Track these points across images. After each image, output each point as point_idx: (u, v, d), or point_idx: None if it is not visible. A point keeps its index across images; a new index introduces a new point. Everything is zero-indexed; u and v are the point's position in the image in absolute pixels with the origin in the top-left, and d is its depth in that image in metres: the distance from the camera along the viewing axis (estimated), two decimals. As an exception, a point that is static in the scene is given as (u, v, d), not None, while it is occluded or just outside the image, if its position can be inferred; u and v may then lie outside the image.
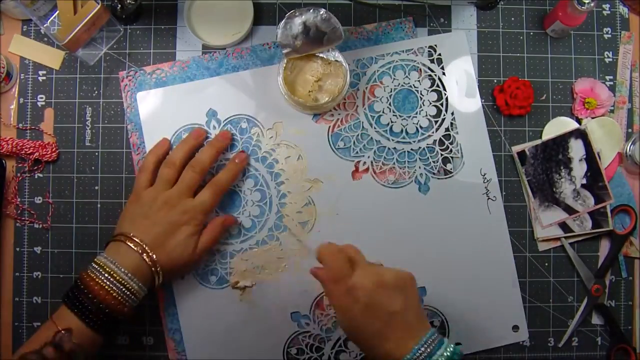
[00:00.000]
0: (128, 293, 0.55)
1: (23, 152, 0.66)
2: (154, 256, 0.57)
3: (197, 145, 0.65)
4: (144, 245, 0.57)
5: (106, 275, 0.54)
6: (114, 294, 0.54)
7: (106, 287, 0.54)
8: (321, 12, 0.61)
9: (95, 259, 0.56)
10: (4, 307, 0.66)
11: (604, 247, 0.70)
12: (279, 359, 0.66)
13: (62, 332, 0.52)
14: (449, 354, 0.49)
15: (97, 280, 0.54)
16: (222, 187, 0.63)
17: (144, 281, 0.57)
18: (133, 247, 0.56)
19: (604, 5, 0.72)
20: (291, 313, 0.67)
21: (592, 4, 0.64)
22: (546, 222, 0.69)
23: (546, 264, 0.70)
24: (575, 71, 0.71)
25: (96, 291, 0.53)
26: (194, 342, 0.66)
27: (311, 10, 0.61)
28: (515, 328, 0.68)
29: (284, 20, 0.61)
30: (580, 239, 0.70)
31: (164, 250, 0.58)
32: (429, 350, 0.49)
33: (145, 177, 0.62)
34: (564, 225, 0.69)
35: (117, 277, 0.54)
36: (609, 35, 0.72)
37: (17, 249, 0.67)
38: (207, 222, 0.63)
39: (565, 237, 0.69)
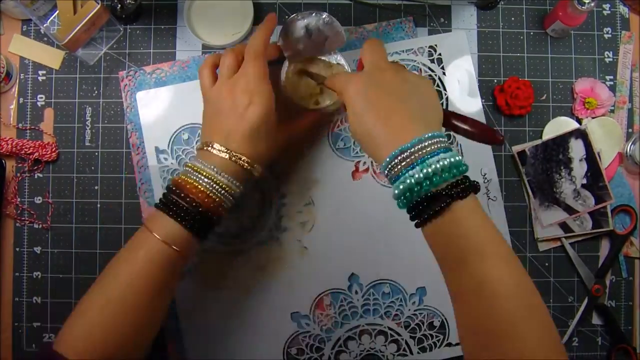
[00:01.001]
0: (218, 188, 0.52)
1: (23, 152, 0.66)
2: (234, 151, 0.53)
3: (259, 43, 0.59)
4: (222, 145, 0.54)
5: (196, 174, 0.52)
6: (207, 192, 0.52)
7: (197, 184, 0.52)
8: (323, 16, 0.61)
9: (185, 163, 0.54)
10: (4, 307, 0.66)
11: (604, 247, 0.70)
12: (279, 359, 0.66)
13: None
14: (451, 161, 0.45)
15: (188, 179, 0.52)
16: (259, 49, 0.57)
17: (234, 175, 0.54)
18: (214, 150, 0.54)
19: (604, 5, 0.72)
20: (291, 313, 0.67)
21: (592, 4, 0.64)
22: (546, 222, 0.69)
23: (546, 264, 0.70)
24: (575, 71, 0.71)
25: (188, 190, 0.52)
26: (194, 342, 0.66)
27: (314, 14, 0.61)
28: (516, 328, 0.68)
29: (286, 24, 0.61)
30: (580, 239, 0.70)
31: (244, 137, 0.54)
32: (429, 149, 0.45)
33: (206, 73, 0.58)
34: (564, 225, 0.69)
35: (206, 174, 0.52)
36: (609, 35, 0.72)
37: (17, 249, 0.67)
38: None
39: (566, 237, 0.69)
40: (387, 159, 0.46)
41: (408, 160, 0.45)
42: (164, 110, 0.67)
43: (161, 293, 0.52)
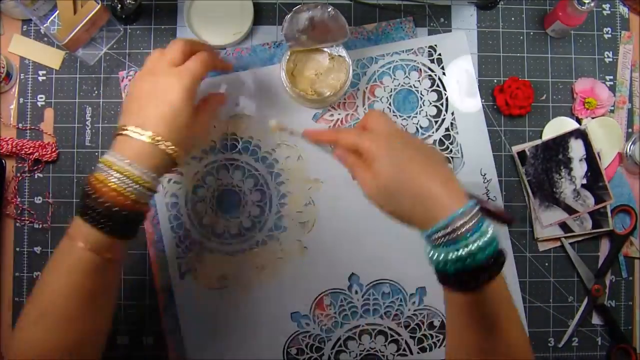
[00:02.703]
0: (131, 183, 0.48)
1: (23, 152, 0.66)
2: (151, 132, 0.49)
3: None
4: (136, 126, 0.50)
5: (107, 169, 0.48)
6: (119, 189, 0.47)
7: (108, 182, 0.47)
8: (329, 10, 0.62)
9: (99, 158, 0.50)
10: (4, 307, 0.66)
11: (604, 247, 0.70)
12: (279, 359, 0.66)
13: None
14: (491, 236, 0.43)
15: (98, 177, 0.48)
16: (206, 61, 0.55)
17: (150, 165, 0.49)
18: (130, 133, 0.49)
19: (604, 5, 0.72)
20: (291, 313, 0.67)
21: (592, 4, 0.64)
22: (546, 222, 0.69)
23: (546, 264, 0.70)
24: (575, 71, 0.71)
25: (100, 190, 0.47)
26: (194, 342, 0.66)
27: (319, 7, 0.62)
28: (516, 328, 0.68)
29: (290, 14, 0.62)
30: (580, 239, 0.70)
31: (161, 118, 0.50)
32: (473, 222, 0.43)
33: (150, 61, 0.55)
34: (564, 225, 0.69)
35: (117, 168, 0.48)
36: (609, 35, 0.72)
37: (17, 249, 0.67)
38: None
39: (566, 237, 0.69)
40: (434, 228, 0.44)
41: (459, 232, 0.43)
42: (164, 110, 0.67)
43: (97, 299, 0.50)
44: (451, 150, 0.69)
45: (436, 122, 0.69)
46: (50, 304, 0.48)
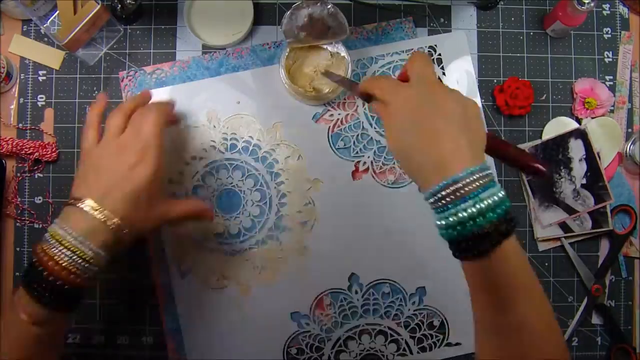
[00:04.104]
0: (81, 262, 0.47)
1: (23, 152, 0.66)
2: (107, 211, 0.49)
3: (143, 104, 0.58)
4: (95, 203, 0.49)
5: (57, 244, 0.47)
6: (69, 268, 0.47)
7: (57, 259, 0.47)
8: (328, 7, 0.62)
9: (48, 228, 0.49)
10: (4, 307, 0.66)
11: (604, 247, 0.70)
12: (279, 359, 0.67)
13: None
14: (500, 197, 0.42)
15: (48, 252, 0.47)
16: (161, 108, 0.56)
17: (102, 244, 0.49)
18: (85, 207, 0.49)
19: (604, 5, 0.72)
20: (291, 313, 0.67)
21: (592, 4, 0.64)
22: (546, 222, 0.69)
23: (546, 264, 0.70)
24: (575, 71, 0.71)
25: (49, 266, 0.47)
26: (194, 342, 0.66)
27: (319, 4, 0.62)
28: (515, 328, 0.68)
29: (290, 11, 0.62)
30: (580, 239, 0.70)
31: (125, 198, 0.50)
32: (480, 182, 0.42)
33: (91, 133, 0.55)
34: (564, 225, 0.69)
35: (67, 244, 0.47)
36: (609, 35, 0.72)
37: (17, 249, 0.67)
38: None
39: (565, 237, 0.69)
40: (437, 187, 0.43)
41: (459, 193, 0.42)
42: (164, 111, 0.67)
43: None
44: (451, 150, 0.69)
45: (436, 122, 0.69)
46: None
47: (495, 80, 0.71)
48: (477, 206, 0.41)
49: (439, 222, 0.44)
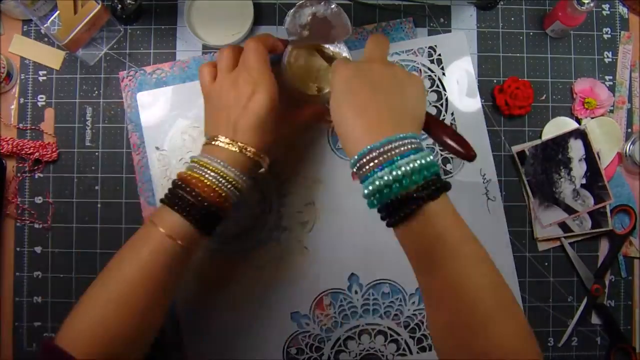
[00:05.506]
0: (225, 182, 0.51)
1: (23, 152, 0.66)
2: (241, 142, 0.52)
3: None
4: (229, 137, 0.53)
5: (203, 168, 0.51)
6: (213, 186, 0.51)
7: (203, 179, 0.50)
8: (332, 6, 0.62)
9: (191, 158, 0.53)
10: (5, 306, 0.67)
11: (604, 247, 0.70)
12: (279, 359, 0.67)
13: None
14: (422, 163, 0.43)
15: (193, 174, 0.51)
16: (259, 40, 0.57)
17: (244, 169, 0.53)
18: (220, 144, 0.52)
19: (603, 6, 0.72)
20: (291, 313, 0.67)
21: (591, 4, 0.64)
22: (546, 222, 0.69)
23: (546, 264, 0.70)
24: (575, 71, 0.71)
25: (194, 184, 0.50)
26: (194, 342, 0.66)
27: (322, 3, 0.62)
28: (515, 328, 0.68)
29: (294, 9, 0.62)
30: (580, 238, 0.70)
31: (251, 128, 0.53)
32: (399, 150, 0.44)
33: (206, 70, 0.57)
34: (563, 225, 0.69)
35: (212, 168, 0.51)
36: (609, 36, 0.72)
37: (18, 249, 0.67)
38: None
39: (565, 237, 0.69)
40: (356, 157, 0.45)
41: (377, 160, 0.44)
42: (164, 111, 0.67)
43: (164, 290, 0.51)
44: (451, 150, 0.69)
45: (436, 122, 0.69)
46: (123, 288, 0.49)
47: (495, 81, 0.71)
48: (394, 173, 0.43)
49: (365, 192, 0.45)
